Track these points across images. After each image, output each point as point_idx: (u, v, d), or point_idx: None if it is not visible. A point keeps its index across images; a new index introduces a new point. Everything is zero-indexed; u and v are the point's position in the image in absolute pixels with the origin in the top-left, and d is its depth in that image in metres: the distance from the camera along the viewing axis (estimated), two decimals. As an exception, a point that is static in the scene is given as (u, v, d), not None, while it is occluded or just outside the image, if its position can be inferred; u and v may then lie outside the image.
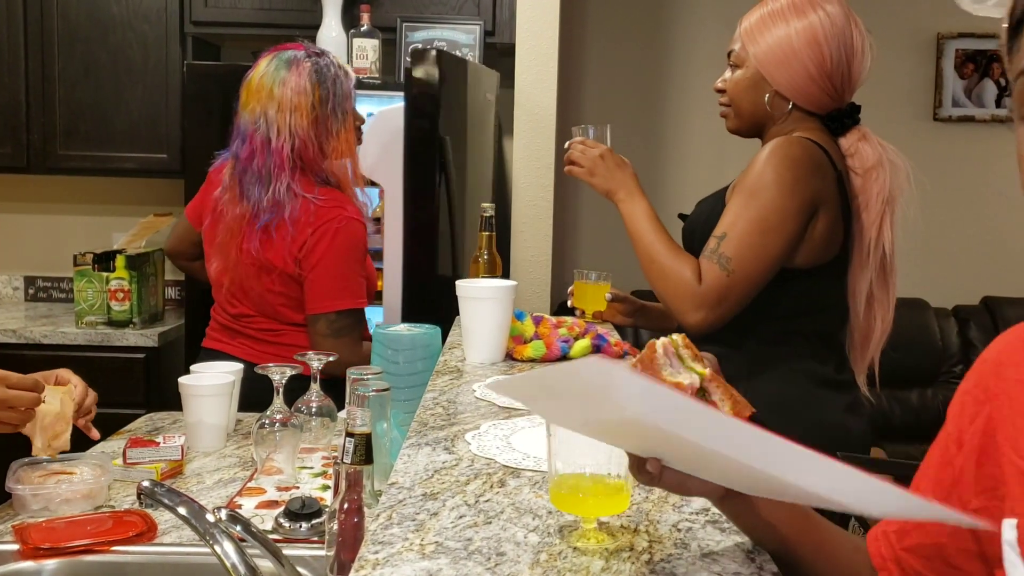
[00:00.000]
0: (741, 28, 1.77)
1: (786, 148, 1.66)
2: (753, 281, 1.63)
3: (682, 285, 1.65)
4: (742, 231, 1.62)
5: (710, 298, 1.62)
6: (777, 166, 1.64)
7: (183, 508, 1.08)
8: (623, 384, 0.63)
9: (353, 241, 2.04)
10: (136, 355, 3.04)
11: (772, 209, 1.62)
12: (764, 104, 1.75)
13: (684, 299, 1.64)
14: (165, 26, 3.19)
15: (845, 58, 1.71)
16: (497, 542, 0.82)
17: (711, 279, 1.62)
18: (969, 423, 0.82)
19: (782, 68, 1.71)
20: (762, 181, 1.63)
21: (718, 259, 1.62)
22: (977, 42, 3.90)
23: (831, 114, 1.75)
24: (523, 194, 3.09)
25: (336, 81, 2.04)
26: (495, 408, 1.31)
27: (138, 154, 3.23)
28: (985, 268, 3.97)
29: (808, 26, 1.69)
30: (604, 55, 3.95)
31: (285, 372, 1.59)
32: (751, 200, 1.63)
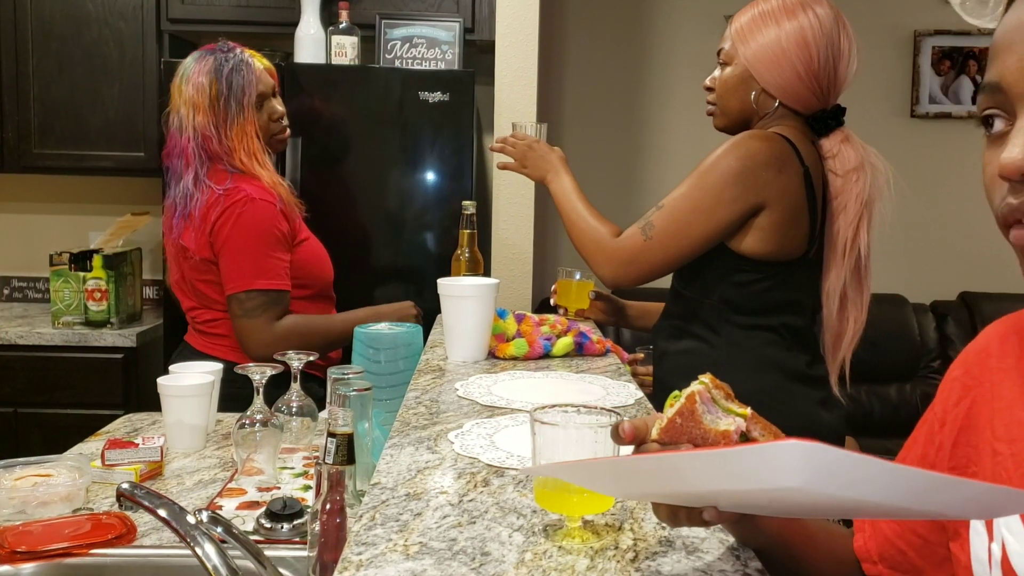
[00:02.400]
0: (732, 27, 1.79)
1: (747, 140, 1.68)
2: (669, 254, 1.70)
3: (599, 242, 1.77)
4: (675, 207, 1.70)
5: (621, 255, 1.73)
6: (729, 154, 1.67)
7: (163, 510, 1.07)
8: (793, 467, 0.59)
9: (258, 220, 2.05)
10: (114, 355, 3.02)
11: (709, 192, 1.67)
12: (751, 101, 1.76)
13: (599, 253, 1.76)
14: (141, 23, 3.16)
15: (832, 60, 1.73)
16: (482, 542, 0.81)
17: (628, 239, 1.73)
18: (954, 406, 0.87)
19: (771, 67, 1.73)
20: (711, 165, 1.68)
21: (644, 224, 1.72)
22: (954, 39, 3.93)
23: (816, 115, 1.76)
24: (504, 192, 3.08)
25: (233, 74, 2.09)
26: (478, 407, 1.30)
27: (114, 152, 3.20)
28: (963, 264, 4.01)
29: (798, 27, 1.71)
30: (584, 52, 3.95)
31: (265, 372, 1.58)
32: (697, 180, 1.69)
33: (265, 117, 2.15)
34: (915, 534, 0.89)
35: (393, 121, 2.86)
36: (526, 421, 1.14)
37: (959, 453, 0.85)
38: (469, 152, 2.87)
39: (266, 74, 2.17)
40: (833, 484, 0.58)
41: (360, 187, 2.89)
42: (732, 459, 0.61)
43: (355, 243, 2.88)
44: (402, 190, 2.88)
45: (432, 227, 2.90)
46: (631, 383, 1.49)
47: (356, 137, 2.86)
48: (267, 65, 2.19)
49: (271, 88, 2.18)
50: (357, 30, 2.98)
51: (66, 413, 2.98)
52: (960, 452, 0.85)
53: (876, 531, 0.93)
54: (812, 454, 0.55)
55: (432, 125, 2.85)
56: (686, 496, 0.74)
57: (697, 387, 0.78)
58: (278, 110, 2.18)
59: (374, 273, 2.90)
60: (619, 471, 0.74)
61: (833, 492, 0.60)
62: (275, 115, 2.17)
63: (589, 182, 3.99)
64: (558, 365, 1.63)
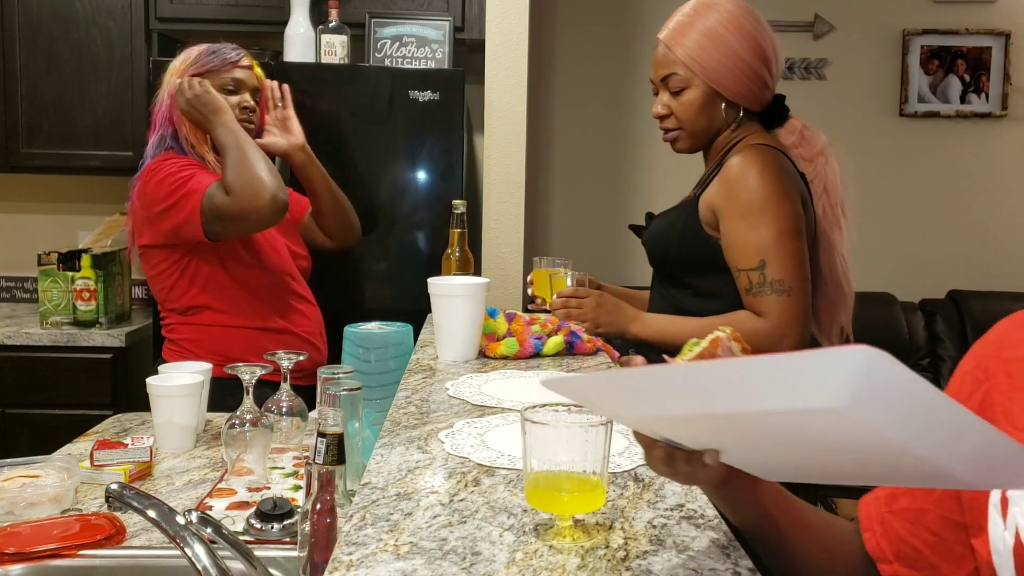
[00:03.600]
0: (671, 49, 1.76)
1: (758, 157, 1.68)
2: (808, 287, 1.66)
3: (754, 337, 1.61)
4: (778, 249, 1.63)
5: (785, 326, 1.62)
6: (763, 174, 1.66)
7: (152, 510, 1.06)
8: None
9: (157, 171, 2.14)
10: (103, 355, 3.00)
11: (787, 216, 1.64)
12: (719, 117, 1.77)
13: (765, 344, 1.61)
14: (129, 22, 3.15)
15: (775, 53, 1.76)
16: (472, 541, 0.81)
17: (776, 309, 1.63)
18: (967, 399, 0.87)
19: (733, 76, 1.74)
20: (759, 195, 1.65)
21: (771, 288, 1.63)
22: (942, 38, 3.94)
23: (767, 109, 1.78)
24: (494, 191, 3.08)
25: (216, 53, 2.22)
26: (468, 406, 1.30)
27: (103, 152, 3.19)
28: (951, 262, 4.03)
29: (733, 20, 1.73)
30: (574, 51, 3.95)
31: (255, 372, 1.58)
32: (762, 217, 1.64)
33: (235, 102, 2.22)
34: (930, 532, 0.88)
35: (383, 120, 2.85)
36: (517, 420, 1.14)
37: None
38: (459, 151, 2.87)
39: (250, 72, 2.26)
40: (883, 410, 0.54)
41: (350, 186, 2.87)
42: (779, 367, 0.57)
43: (345, 242, 2.88)
44: (392, 189, 2.88)
45: (422, 226, 2.89)
46: (622, 382, 1.49)
47: (346, 136, 2.85)
48: (257, 71, 2.28)
49: (250, 84, 2.25)
50: (347, 29, 2.97)
51: (55, 414, 2.96)
52: None
53: (887, 529, 0.92)
54: (878, 363, 0.51)
55: (422, 124, 2.85)
56: (698, 422, 0.71)
57: (720, 333, 0.79)
58: (249, 102, 2.24)
59: (364, 272, 2.89)
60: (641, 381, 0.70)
61: (875, 423, 0.55)
62: (243, 103, 2.23)
63: (579, 181, 4.02)
64: (549, 364, 1.63)
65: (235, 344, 2.17)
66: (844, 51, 3.96)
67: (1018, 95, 3.96)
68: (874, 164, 3.94)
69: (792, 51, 3.97)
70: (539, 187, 3.89)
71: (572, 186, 3.99)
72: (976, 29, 3.94)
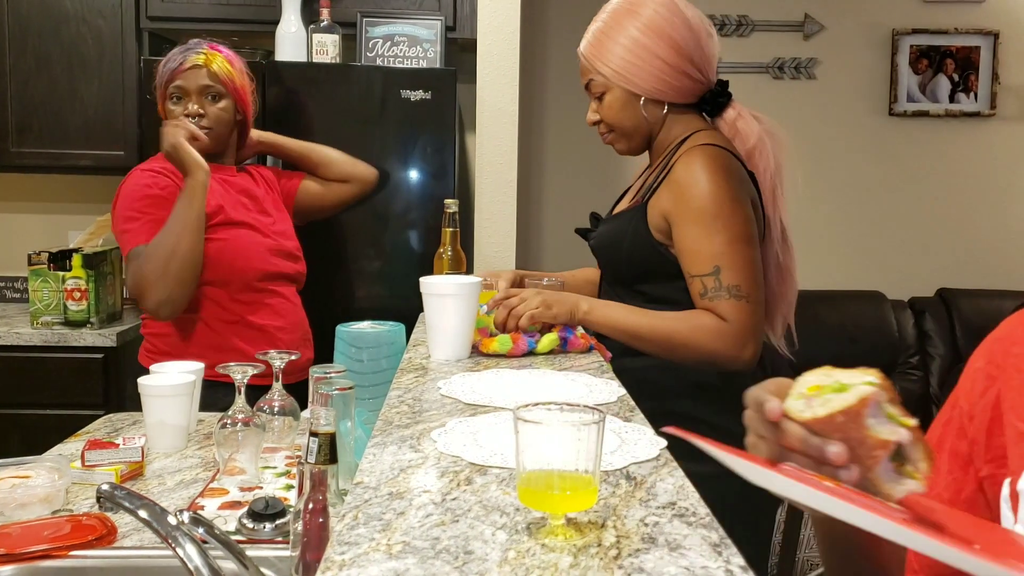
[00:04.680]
0: (585, 59, 1.78)
1: (707, 159, 1.66)
2: (763, 295, 1.65)
3: (715, 335, 1.60)
4: (732, 254, 1.61)
5: (746, 331, 1.60)
6: (713, 179, 1.64)
7: (144, 511, 1.06)
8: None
9: (130, 189, 2.16)
10: (94, 355, 2.99)
11: (740, 221, 1.63)
12: (642, 116, 1.77)
13: (726, 346, 1.60)
14: (120, 21, 3.14)
15: (692, 37, 1.73)
16: (465, 540, 0.81)
17: (736, 314, 1.60)
18: (980, 397, 0.87)
19: (642, 72, 1.73)
20: (711, 200, 1.63)
21: (728, 292, 1.60)
22: (931, 38, 3.96)
23: (703, 98, 1.77)
24: (486, 190, 3.08)
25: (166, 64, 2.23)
26: (461, 405, 1.30)
27: (94, 151, 3.18)
28: (940, 260, 4.04)
29: (647, 23, 1.72)
30: (566, 50, 3.95)
31: (247, 371, 1.58)
32: (715, 222, 1.62)
33: (179, 110, 2.21)
34: None
35: (375, 120, 2.85)
36: (509, 419, 1.14)
37: (994, 444, 0.85)
38: (451, 150, 2.87)
39: (199, 72, 2.20)
40: None
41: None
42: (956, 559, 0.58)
43: (337, 242, 2.87)
44: (384, 189, 2.88)
45: (414, 225, 2.89)
46: (614, 380, 1.49)
47: (338, 136, 2.85)
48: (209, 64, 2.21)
49: (195, 87, 2.20)
50: (338, 28, 2.97)
51: (45, 414, 2.95)
52: (995, 444, 0.85)
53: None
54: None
55: (414, 123, 2.85)
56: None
57: (870, 389, 0.72)
58: (191, 108, 2.21)
59: (356, 272, 2.89)
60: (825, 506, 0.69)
61: None
62: (186, 112, 2.21)
63: (570, 181, 4.02)
64: (541, 363, 1.63)
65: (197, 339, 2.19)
66: (834, 51, 3.98)
67: (1007, 94, 3.98)
68: (863, 163, 3.95)
69: (782, 51, 3.98)
70: (531, 186, 3.90)
71: (564, 185, 3.99)
72: (965, 29, 3.96)
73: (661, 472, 1.02)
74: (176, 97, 2.21)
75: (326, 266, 2.74)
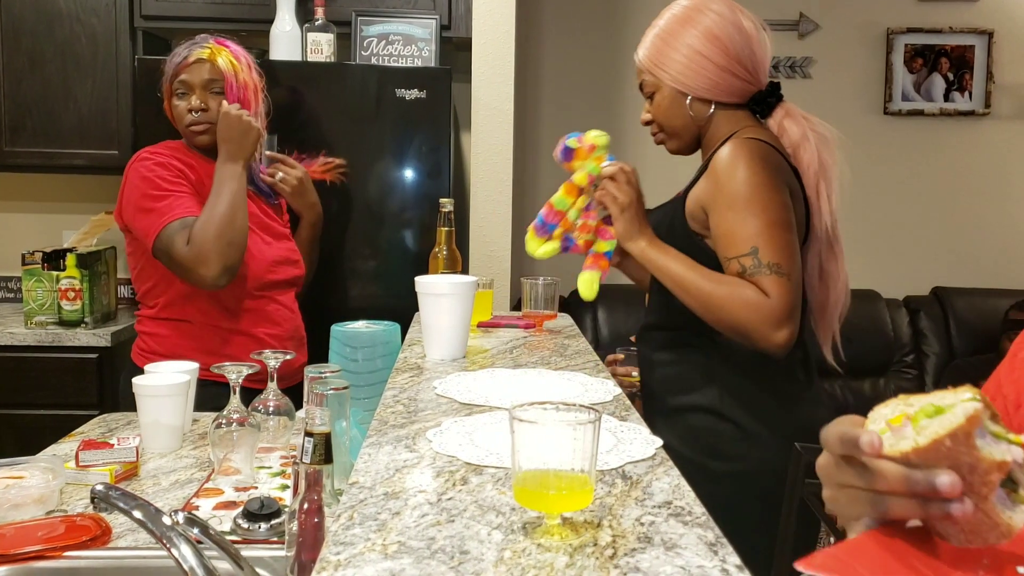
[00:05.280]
0: (640, 60, 1.82)
1: (745, 148, 1.67)
2: (800, 278, 1.62)
3: (752, 306, 1.56)
4: (770, 236, 1.59)
5: (785, 310, 1.56)
6: (749, 165, 1.65)
7: (138, 511, 1.06)
8: None
9: (144, 170, 2.14)
10: (88, 355, 2.98)
11: (776, 206, 1.62)
12: (689, 115, 1.78)
13: (762, 320, 1.55)
14: (114, 20, 3.13)
15: (745, 42, 1.76)
16: (460, 540, 0.81)
17: (777, 290, 1.55)
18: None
19: (691, 72, 1.75)
20: (747, 186, 1.63)
21: (769, 269, 1.57)
22: (926, 37, 3.97)
23: (754, 98, 1.78)
24: (481, 189, 3.08)
25: (171, 60, 2.23)
26: (456, 405, 1.30)
27: (88, 150, 3.17)
28: (935, 259, 4.05)
29: (702, 29, 1.75)
30: (561, 49, 3.95)
31: (242, 371, 1.57)
32: (750, 206, 1.61)
33: (183, 107, 2.21)
34: None
35: (370, 118, 2.85)
36: (505, 419, 1.14)
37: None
38: (446, 149, 2.86)
39: (202, 67, 2.19)
40: None
41: (337, 185, 2.87)
42: None
43: (332, 241, 2.87)
44: (379, 188, 2.87)
45: (410, 225, 2.89)
46: (609, 380, 1.49)
47: (332, 135, 2.85)
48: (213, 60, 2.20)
49: (200, 81, 2.20)
50: (333, 27, 2.96)
51: (40, 414, 2.94)
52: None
53: None
54: None
55: (409, 122, 2.84)
56: None
57: (976, 405, 0.64)
58: (193, 103, 2.19)
59: (351, 271, 2.89)
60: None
61: None
62: (190, 107, 2.20)
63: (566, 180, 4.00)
64: (537, 363, 1.63)
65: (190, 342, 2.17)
66: (829, 50, 3.98)
67: (1001, 93, 3.99)
68: (858, 162, 3.96)
69: (778, 50, 3.96)
70: (526, 185, 3.89)
71: (559, 184, 3.98)
72: (959, 28, 3.96)
73: (657, 471, 1.02)
74: (180, 92, 2.21)
75: (321, 265, 2.73)
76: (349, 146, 2.85)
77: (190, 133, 2.21)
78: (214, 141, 2.19)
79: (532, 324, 1.98)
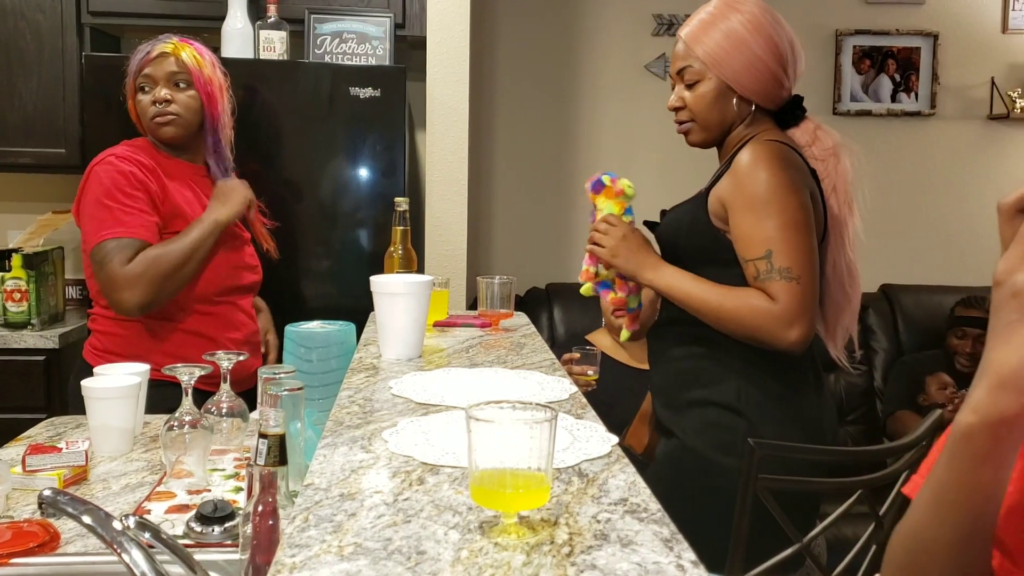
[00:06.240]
0: (685, 43, 1.82)
1: (767, 151, 1.71)
2: (816, 281, 1.67)
3: (761, 313, 1.64)
4: (784, 239, 1.64)
5: (794, 312, 1.62)
6: (771, 167, 1.68)
7: (88, 516, 1.04)
8: None
9: (105, 175, 2.08)
10: (35, 357, 2.92)
11: (794, 208, 1.66)
12: (731, 111, 1.81)
13: (772, 325, 1.63)
14: (60, 16, 3.07)
15: (790, 44, 1.82)
16: (417, 540, 0.81)
17: (786, 295, 1.63)
18: None
19: (748, 73, 1.78)
20: (766, 187, 1.67)
21: (779, 274, 1.64)
22: (873, 39, 4.04)
23: (783, 108, 1.82)
24: (437, 188, 3.07)
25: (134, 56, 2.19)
26: (412, 405, 1.30)
27: (34, 149, 3.10)
28: (883, 257, 4.12)
29: (753, 20, 1.78)
30: (516, 48, 3.96)
31: (194, 372, 1.55)
32: (768, 208, 1.66)
33: (147, 100, 2.16)
34: None
35: (323, 117, 2.83)
36: (461, 418, 1.14)
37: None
38: (401, 148, 2.85)
39: (166, 60, 2.16)
40: None
41: (290, 184, 2.85)
42: None
43: (286, 241, 2.84)
44: (333, 187, 2.85)
45: (365, 224, 2.87)
46: (566, 378, 1.50)
47: (286, 133, 2.82)
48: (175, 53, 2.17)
49: (162, 73, 2.16)
50: (286, 25, 2.94)
51: (-16, 418, 2.88)
52: None
53: None
54: None
55: (363, 121, 2.83)
56: None
57: None
58: (158, 94, 2.15)
59: (306, 271, 2.86)
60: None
61: None
62: (155, 99, 2.16)
63: (522, 178, 4.02)
64: (493, 362, 1.63)
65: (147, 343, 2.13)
66: (780, 50, 4.03)
67: (946, 94, 4.08)
68: (810, 162, 4.02)
69: (730, 50, 4.03)
70: (482, 184, 3.89)
71: (515, 183, 3.99)
72: (906, 30, 4.04)
73: (613, 469, 1.03)
74: (144, 87, 2.16)
75: (275, 265, 2.71)
76: (303, 145, 2.82)
77: (155, 126, 2.16)
78: (179, 134, 2.17)
79: (488, 323, 1.98)
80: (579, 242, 4.04)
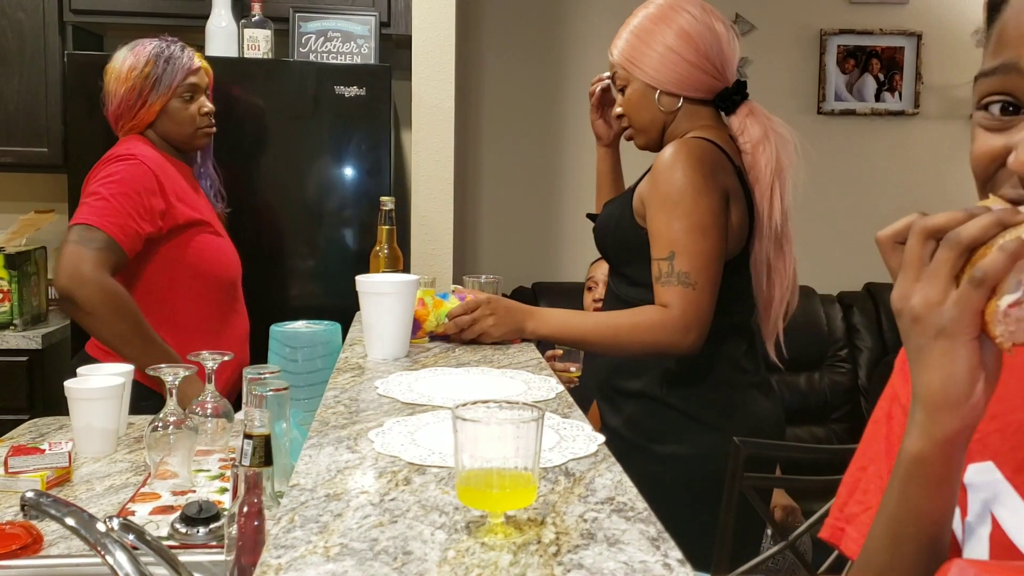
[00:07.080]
0: (614, 55, 1.86)
1: (685, 149, 1.71)
2: (715, 283, 1.69)
3: (656, 326, 1.66)
4: (688, 242, 1.66)
5: (688, 317, 1.65)
6: (684, 168, 1.69)
7: (71, 518, 1.03)
8: None
9: (124, 172, 2.07)
10: (18, 358, 2.90)
11: (702, 211, 1.67)
12: (658, 109, 1.81)
13: (668, 335, 1.66)
14: (43, 14, 3.05)
15: (715, 42, 1.81)
16: (404, 541, 0.81)
17: (680, 300, 1.65)
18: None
19: (662, 67, 1.79)
20: (677, 187, 1.68)
21: (677, 279, 1.66)
22: (857, 38, 4.06)
23: (720, 95, 1.82)
24: (422, 187, 3.07)
25: (170, 61, 2.17)
26: (398, 404, 1.29)
27: (16, 148, 3.08)
28: (867, 256, 4.14)
29: (677, 28, 1.79)
30: (501, 46, 3.95)
31: (178, 373, 1.54)
32: (675, 209, 1.67)
33: (195, 109, 2.21)
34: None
35: (308, 116, 2.82)
36: (448, 418, 1.14)
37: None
38: (387, 147, 2.85)
39: (205, 72, 2.26)
40: None
41: (275, 183, 2.84)
42: None
43: (271, 240, 2.83)
44: (319, 186, 2.85)
45: (350, 223, 2.87)
46: (552, 377, 1.50)
47: (270, 132, 2.81)
48: (205, 66, 2.27)
49: (205, 85, 2.25)
50: (270, 23, 2.92)
51: (-34, 420, 2.85)
52: None
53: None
54: None
55: (348, 120, 2.82)
56: None
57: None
58: (208, 106, 2.24)
59: (291, 271, 2.85)
60: None
61: None
62: (204, 109, 2.23)
63: (508, 177, 4.02)
64: (480, 361, 1.63)
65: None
66: (764, 50, 4.05)
67: (929, 94, 4.10)
68: (794, 161, 4.03)
69: (715, 49, 4.04)
70: (468, 183, 3.89)
71: (501, 182, 3.99)
72: (890, 30, 4.06)
73: (599, 468, 1.03)
74: (189, 96, 2.20)
75: (260, 265, 2.70)
76: (287, 144, 2.81)
77: (199, 135, 2.23)
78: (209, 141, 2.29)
79: None
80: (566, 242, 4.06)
